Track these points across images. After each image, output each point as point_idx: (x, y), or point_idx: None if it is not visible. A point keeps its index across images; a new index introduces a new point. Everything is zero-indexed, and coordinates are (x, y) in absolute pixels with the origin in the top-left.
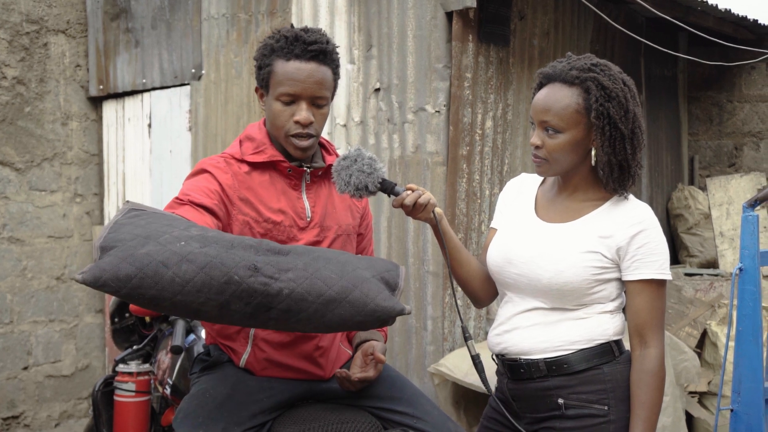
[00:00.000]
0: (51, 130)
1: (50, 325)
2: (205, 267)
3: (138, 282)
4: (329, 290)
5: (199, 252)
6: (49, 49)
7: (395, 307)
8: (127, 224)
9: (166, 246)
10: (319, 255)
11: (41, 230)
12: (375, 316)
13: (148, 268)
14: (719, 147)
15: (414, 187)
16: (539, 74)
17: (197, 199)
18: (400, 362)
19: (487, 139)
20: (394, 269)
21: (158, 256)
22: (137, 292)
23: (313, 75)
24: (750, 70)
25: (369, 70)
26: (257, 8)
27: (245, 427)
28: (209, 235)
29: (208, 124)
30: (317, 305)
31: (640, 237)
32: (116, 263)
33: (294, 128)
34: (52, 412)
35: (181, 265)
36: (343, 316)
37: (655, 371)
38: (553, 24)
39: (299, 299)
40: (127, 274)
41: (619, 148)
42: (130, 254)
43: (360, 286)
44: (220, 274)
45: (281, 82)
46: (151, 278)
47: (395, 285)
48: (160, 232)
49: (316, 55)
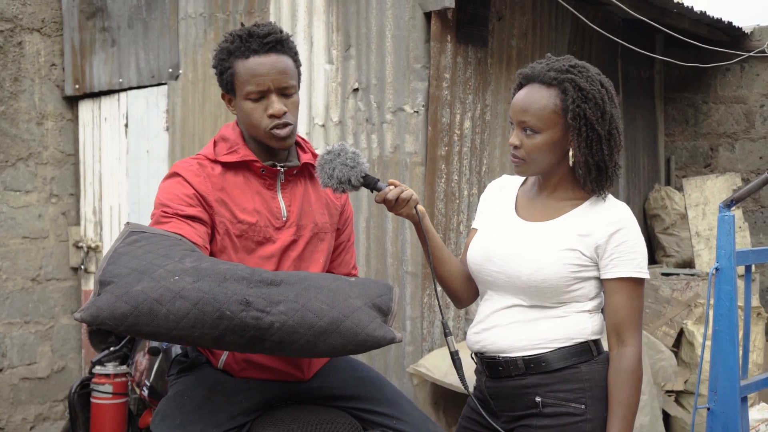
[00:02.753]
0: (26, 129)
1: (25, 327)
2: (198, 303)
3: (134, 320)
4: (320, 322)
5: (191, 288)
6: (24, 47)
7: (386, 336)
8: (125, 254)
9: (160, 282)
10: (311, 284)
11: (16, 231)
12: (366, 346)
13: (143, 306)
14: (695, 148)
15: (396, 183)
16: (519, 75)
17: (182, 210)
18: (379, 363)
19: (466, 140)
20: (386, 293)
21: (152, 294)
22: (134, 328)
23: (275, 66)
24: (725, 72)
25: (347, 70)
26: (235, 8)
27: (224, 429)
28: (202, 267)
29: (185, 124)
30: (309, 337)
31: (618, 235)
32: (112, 302)
33: (270, 122)
34: (27, 414)
35: (174, 302)
36: (335, 346)
37: (632, 370)
38: (531, 25)
39: (291, 332)
40: (123, 313)
41: (596, 149)
42: (125, 292)
43: (351, 316)
44: (212, 309)
45: (246, 81)
46: (147, 316)
47: (387, 310)
48: (155, 266)
49: (273, 47)
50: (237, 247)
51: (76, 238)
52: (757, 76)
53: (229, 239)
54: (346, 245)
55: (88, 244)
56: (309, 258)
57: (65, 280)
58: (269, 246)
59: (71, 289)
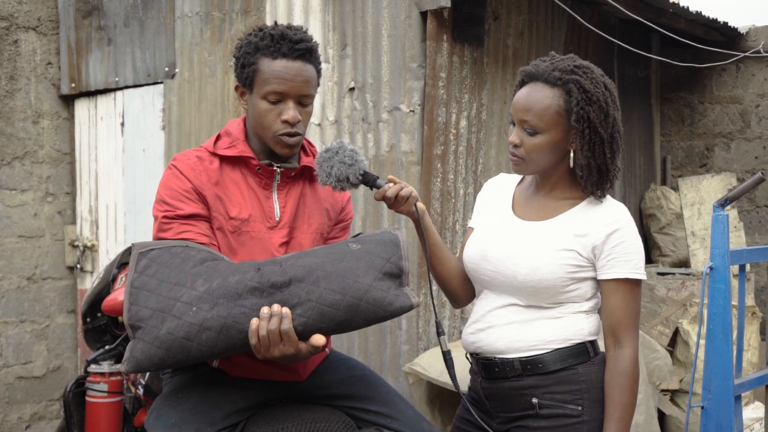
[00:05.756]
0: (22, 128)
1: (21, 326)
2: (222, 330)
3: (172, 361)
4: (338, 313)
5: (211, 316)
6: (20, 46)
7: (404, 305)
8: (142, 289)
9: (182, 318)
10: (318, 274)
11: (12, 230)
12: (389, 316)
13: (174, 347)
14: (691, 148)
15: (395, 180)
16: (522, 72)
17: (181, 209)
18: (375, 362)
19: (462, 139)
20: (394, 253)
21: (179, 333)
22: (176, 365)
23: (300, 74)
24: (721, 72)
25: (344, 69)
26: (231, 7)
27: (219, 428)
28: (213, 287)
29: (181, 123)
30: (333, 326)
31: (616, 236)
32: (147, 350)
33: (282, 128)
34: (22, 413)
35: (201, 335)
36: (362, 324)
37: (628, 372)
38: (528, 24)
39: (315, 329)
40: (161, 358)
41: (598, 152)
42: (155, 337)
43: (365, 297)
44: (237, 332)
45: (268, 80)
46: (181, 353)
47: (399, 272)
48: (172, 300)
49: (302, 54)
50: (230, 244)
51: (72, 237)
52: (753, 77)
53: (222, 235)
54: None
55: (84, 243)
56: None
57: (61, 279)
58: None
59: (67, 288)
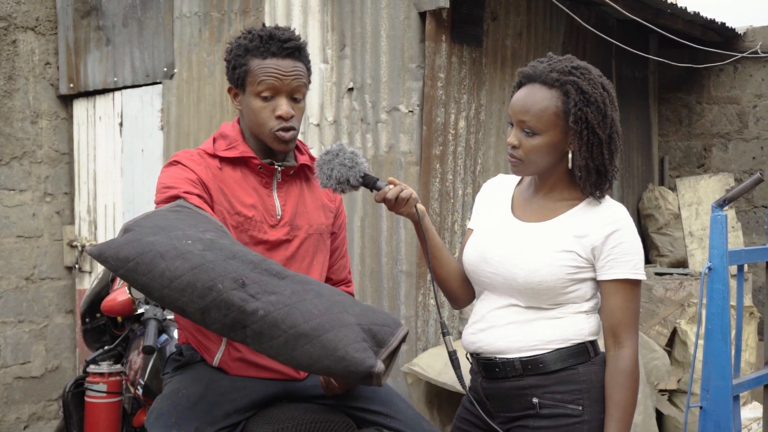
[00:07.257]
0: (20, 128)
1: (19, 326)
2: (195, 268)
3: (133, 266)
4: (304, 324)
5: (197, 253)
6: (18, 46)
7: (365, 361)
8: (160, 214)
9: (171, 240)
10: (313, 288)
11: (10, 230)
12: (342, 365)
13: (145, 256)
14: (689, 148)
15: (396, 182)
16: (519, 73)
17: (189, 190)
18: None
19: (461, 139)
20: (391, 327)
21: (160, 248)
22: (132, 275)
23: (291, 70)
24: (718, 72)
25: (342, 70)
26: (230, 7)
27: (218, 427)
28: (220, 241)
29: (180, 123)
30: (288, 336)
31: (615, 237)
32: (121, 244)
33: (277, 124)
34: (21, 414)
35: (175, 260)
36: (312, 356)
37: (629, 371)
38: (526, 25)
39: (272, 324)
40: (126, 257)
41: (596, 153)
42: (137, 239)
43: (336, 329)
44: (206, 278)
45: (260, 79)
46: (146, 266)
47: (383, 342)
48: (177, 228)
49: (291, 52)
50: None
51: (71, 237)
52: (750, 77)
53: None
54: (341, 250)
55: (82, 243)
56: (301, 259)
57: (59, 279)
58: (262, 242)
59: (65, 288)
